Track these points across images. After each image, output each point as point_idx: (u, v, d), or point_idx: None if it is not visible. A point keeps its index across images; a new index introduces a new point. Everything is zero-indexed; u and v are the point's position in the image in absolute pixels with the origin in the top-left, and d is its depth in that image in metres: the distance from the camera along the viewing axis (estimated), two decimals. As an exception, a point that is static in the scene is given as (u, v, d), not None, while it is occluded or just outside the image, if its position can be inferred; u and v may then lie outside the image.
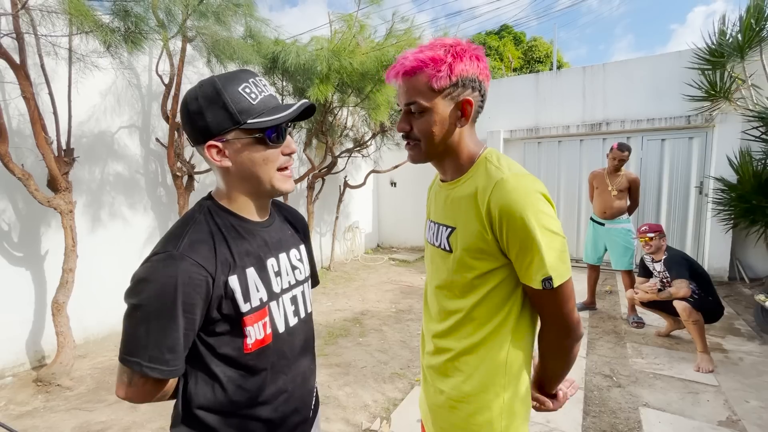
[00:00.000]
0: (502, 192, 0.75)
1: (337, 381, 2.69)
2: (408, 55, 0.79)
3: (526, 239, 0.74)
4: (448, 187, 0.90)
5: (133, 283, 0.71)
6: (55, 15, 2.49)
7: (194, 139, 0.77)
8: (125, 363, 0.70)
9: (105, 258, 3.40)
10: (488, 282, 0.82)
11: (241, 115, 0.73)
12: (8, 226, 2.85)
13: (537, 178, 0.79)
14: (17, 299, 2.90)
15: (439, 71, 0.77)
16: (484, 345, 0.84)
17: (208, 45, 3.25)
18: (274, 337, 0.82)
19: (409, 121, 0.83)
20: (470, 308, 0.84)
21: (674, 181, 5.39)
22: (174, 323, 0.69)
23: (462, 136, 0.84)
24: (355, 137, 5.71)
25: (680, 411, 2.28)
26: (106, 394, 2.58)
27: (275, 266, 0.85)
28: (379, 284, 5.24)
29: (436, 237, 0.92)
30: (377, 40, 4.46)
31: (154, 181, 3.85)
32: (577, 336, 0.82)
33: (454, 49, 0.78)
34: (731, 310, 3.90)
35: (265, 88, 0.78)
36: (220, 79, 0.74)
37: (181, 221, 0.78)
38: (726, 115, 4.86)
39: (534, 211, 0.73)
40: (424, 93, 0.79)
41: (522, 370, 0.85)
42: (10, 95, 2.76)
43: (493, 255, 0.79)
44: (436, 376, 0.92)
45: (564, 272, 0.76)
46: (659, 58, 5.40)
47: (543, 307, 0.81)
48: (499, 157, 0.83)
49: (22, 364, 2.91)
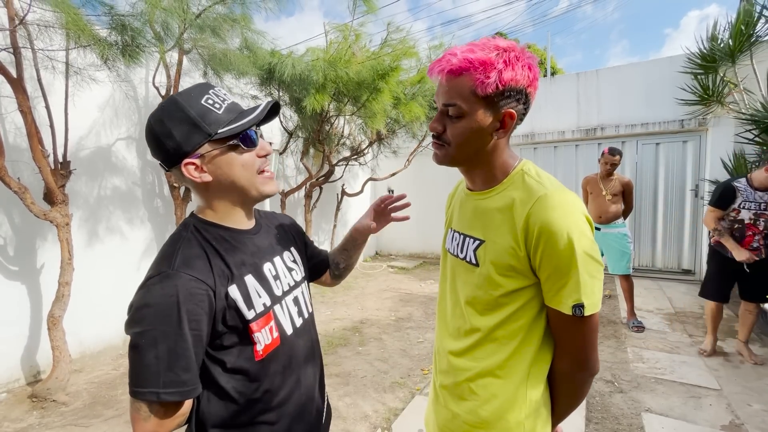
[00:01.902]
0: (544, 208, 0.70)
1: (337, 391, 2.66)
2: (456, 52, 0.72)
3: (564, 261, 0.68)
4: (476, 196, 0.84)
5: (132, 312, 0.69)
6: (53, 29, 2.51)
7: (168, 162, 0.75)
8: (138, 396, 0.66)
9: (101, 271, 3.37)
10: (515, 301, 0.76)
11: (211, 127, 0.73)
12: (4, 239, 2.83)
13: (578, 197, 0.74)
14: (12, 313, 2.86)
15: (487, 77, 0.69)
16: (505, 368, 0.78)
17: (204, 57, 3.27)
18: (282, 339, 0.82)
19: (443, 123, 0.78)
20: (492, 327, 0.79)
21: (670, 185, 5.43)
22: (183, 342, 0.67)
23: (497, 146, 0.78)
24: (352, 145, 5.74)
25: (683, 416, 2.26)
26: (103, 409, 2.55)
27: (272, 270, 0.85)
28: (378, 292, 5.22)
29: (461, 248, 0.86)
30: (372, 49, 4.50)
31: (151, 193, 3.84)
32: (593, 371, 0.77)
33: (508, 55, 0.71)
34: (731, 313, 3.89)
35: (226, 96, 0.78)
36: (181, 96, 0.74)
37: (169, 242, 0.77)
38: (719, 118, 4.91)
39: (578, 232, 0.68)
40: (465, 97, 0.72)
41: (544, 397, 0.80)
42: (6, 109, 2.76)
43: (523, 273, 0.74)
44: (450, 397, 0.86)
45: (597, 303, 0.71)
46: (652, 64, 5.47)
47: (564, 334, 0.76)
48: (537, 171, 0.79)
49: (17, 379, 2.87)
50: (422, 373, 2.90)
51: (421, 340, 3.52)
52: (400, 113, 4.82)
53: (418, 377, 2.84)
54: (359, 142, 5.80)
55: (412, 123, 5.25)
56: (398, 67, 4.16)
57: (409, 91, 4.93)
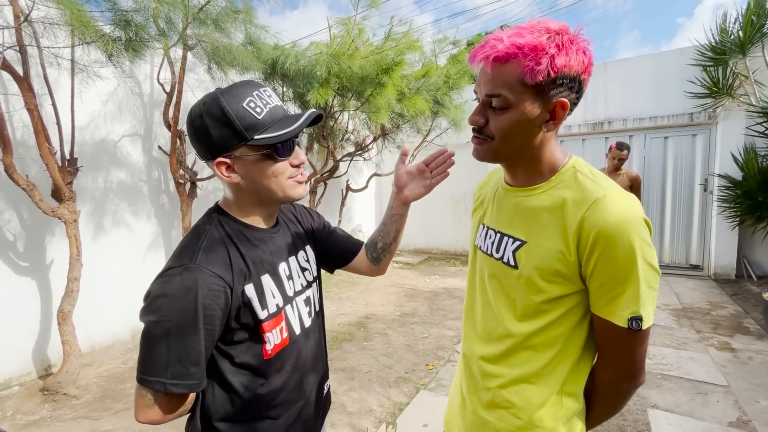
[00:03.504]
0: (603, 212, 0.64)
1: (342, 386, 2.68)
2: (502, 37, 0.65)
3: (623, 270, 0.63)
4: (518, 192, 0.78)
5: (149, 300, 0.69)
6: (58, 26, 2.52)
7: (203, 155, 0.77)
8: (146, 384, 0.67)
9: (109, 266, 3.41)
10: (557, 308, 0.71)
11: (248, 132, 0.72)
12: (13, 236, 2.87)
13: (638, 200, 0.68)
14: (23, 309, 2.91)
15: (538, 64, 0.63)
16: (541, 375, 0.74)
17: (208, 52, 3.26)
18: (291, 339, 0.83)
19: (485, 115, 0.71)
20: (530, 334, 0.73)
21: (678, 179, 5.36)
22: (196, 336, 0.68)
23: (545, 140, 0.72)
24: (357, 141, 5.72)
25: (689, 412, 2.25)
26: (112, 402, 2.59)
27: (287, 270, 0.86)
28: (383, 288, 5.23)
29: (497, 248, 0.80)
30: (376, 43, 4.47)
31: (157, 189, 3.87)
32: (639, 383, 0.72)
33: (561, 38, 0.64)
34: (739, 309, 3.86)
35: (270, 99, 0.76)
36: (223, 95, 0.72)
37: (192, 233, 0.78)
38: (729, 111, 4.83)
39: (639, 239, 0.63)
40: (512, 86, 0.65)
41: (580, 404, 0.76)
42: (14, 107, 2.78)
43: (569, 279, 0.69)
44: (480, 404, 0.81)
45: (652, 314, 0.66)
46: (660, 56, 5.38)
47: (613, 345, 0.70)
48: (591, 169, 0.73)
49: (28, 373, 2.92)
50: (427, 369, 2.91)
51: (426, 336, 3.53)
52: (404, 107, 4.79)
53: (422, 372, 2.85)
54: (363, 137, 5.78)
55: (416, 117, 5.21)
56: (402, 61, 4.13)
57: (414, 85, 4.90)
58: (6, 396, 2.68)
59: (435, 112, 5.38)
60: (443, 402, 2.43)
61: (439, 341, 3.39)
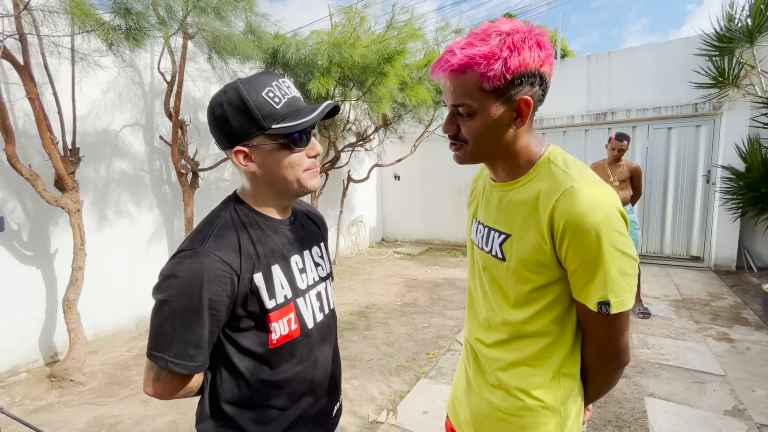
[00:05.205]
0: (571, 202, 0.66)
1: (344, 374, 2.72)
2: (454, 49, 0.67)
3: (591, 258, 0.66)
4: (502, 187, 0.81)
5: (160, 279, 0.73)
6: (57, 15, 2.50)
7: (221, 143, 0.78)
8: (152, 358, 0.72)
9: (113, 255, 3.44)
10: (546, 296, 0.75)
11: (266, 121, 0.74)
12: (18, 225, 2.89)
13: (611, 188, 0.70)
14: (29, 298, 2.95)
15: (491, 69, 0.65)
16: (538, 358, 0.77)
17: (208, 41, 3.24)
18: (302, 332, 0.84)
19: (456, 123, 0.75)
20: (523, 321, 0.77)
21: (681, 171, 5.33)
22: (199, 319, 0.70)
23: (517, 136, 0.75)
24: (358, 131, 5.69)
25: (686, 401, 2.28)
26: (118, 388, 2.64)
27: (299, 263, 0.87)
28: (384, 278, 5.26)
29: (486, 242, 0.84)
30: (378, 31, 4.42)
31: (159, 179, 3.88)
32: (623, 363, 0.75)
33: (511, 39, 0.65)
34: (738, 300, 3.88)
35: (289, 90, 0.78)
36: (243, 84, 0.74)
37: (207, 219, 0.80)
38: (734, 102, 4.78)
39: (606, 227, 0.65)
40: (473, 94, 0.69)
41: (578, 383, 0.80)
42: (15, 96, 2.78)
43: (550, 268, 0.72)
44: (485, 386, 0.85)
45: (626, 301, 0.68)
46: (665, 45, 5.31)
47: (592, 329, 0.74)
48: (565, 159, 0.75)
49: (35, 360, 2.97)
50: (427, 357, 2.95)
51: (427, 325, 3.57)
52: (406, 97, 4.75)
53: (423, 361, 2.89)
54: (365, 127, 5.75)
55: (418, 107, 5.18)
56: (404, 50, 4.09)
57: (416, 74, 4.85)
58: (14, 382, 2.73)
59: (437, 101, 5.33)
60: (443, 390, 2.47)
61: (440, 331, 3.43)
